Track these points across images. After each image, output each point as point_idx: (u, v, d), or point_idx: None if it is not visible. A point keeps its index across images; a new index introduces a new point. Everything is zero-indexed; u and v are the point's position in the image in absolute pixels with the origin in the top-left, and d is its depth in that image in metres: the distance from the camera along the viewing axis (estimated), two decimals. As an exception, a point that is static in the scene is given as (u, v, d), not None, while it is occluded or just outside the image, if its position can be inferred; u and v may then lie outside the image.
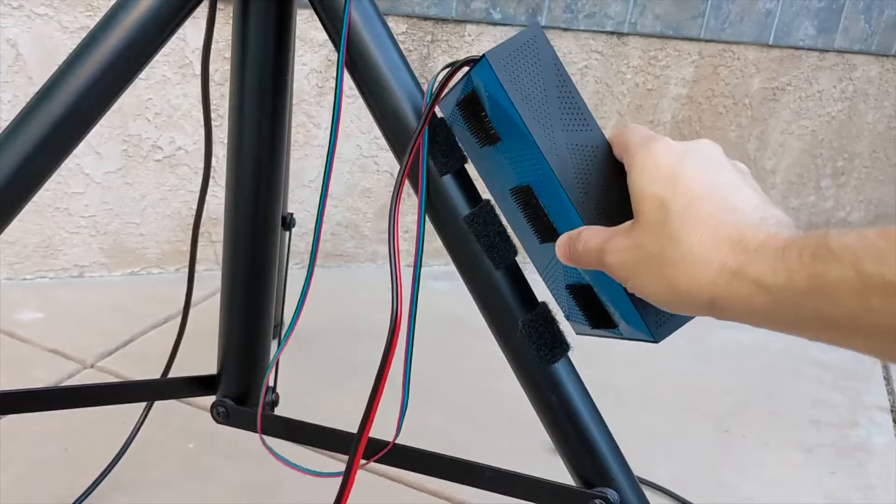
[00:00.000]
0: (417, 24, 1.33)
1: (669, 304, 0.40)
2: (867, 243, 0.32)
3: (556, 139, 0.47)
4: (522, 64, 0.47)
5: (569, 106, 0.47)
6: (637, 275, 0.41)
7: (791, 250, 0.35)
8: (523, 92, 0.47)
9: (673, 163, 0.40)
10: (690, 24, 1.49)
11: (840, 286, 0.32)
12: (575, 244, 0.45)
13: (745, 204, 0.39)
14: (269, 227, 0.65)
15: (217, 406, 0.67)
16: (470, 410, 1.09)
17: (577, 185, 0.47)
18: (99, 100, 0.54)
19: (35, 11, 1.13)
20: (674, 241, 0.38)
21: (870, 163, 1.78)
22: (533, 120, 0.47)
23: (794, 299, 0.34)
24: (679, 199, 0.39)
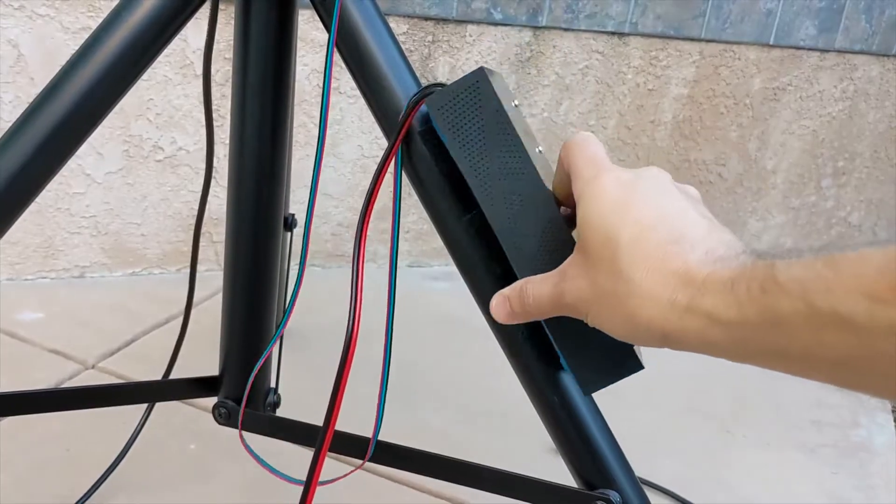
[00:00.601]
0: (418, 25, 1.33)
1: (627, 337, 0.40)
2: (815, 275, 0.31)
3: (493, 188, 0.46)
4: (463, 110, 0.46)
5: (509, 153, 0.46)
6: (595, 310, 0.40)
7: (739, 284, 0.34)
8: (461, 139, 0.46)
9: (620, 195, 0.40)
10: (691, 24, 1.49)
11: (792, 320, 0.32)
12: (523, 299, 0.44)
13: (693, 232, 0.38)
14: (270, 228, 0.65)
15: (219, 407, 0.67)
16: (471, 411, 1.09)
17: (511, 233, 0.46)
18: (102, 101, 0.53)
19: (36, 12, 1.13)
20: (623, 276, 0.38)
21: (871, 163, 1.78)
22: (469, 168, 0.46)
23: (747, 333, 0.34)
24: (627, 231, 0.38)
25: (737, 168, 1.67)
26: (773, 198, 1.73)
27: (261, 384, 0.68)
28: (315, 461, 0.51)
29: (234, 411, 0.67)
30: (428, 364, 1.19)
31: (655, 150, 1.59)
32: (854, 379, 0.32)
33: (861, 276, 0.30)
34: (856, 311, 0.30)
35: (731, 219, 1.71)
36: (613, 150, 1.55)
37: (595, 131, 1.53)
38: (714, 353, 0.36)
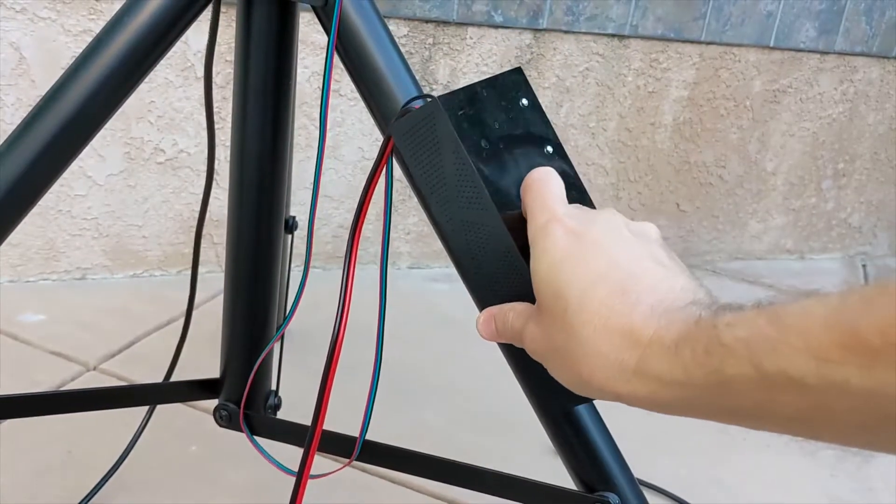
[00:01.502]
0: (419, 27, 1.33)
1: (582, 392, 0.40)
2: (759, 334, 0.31)
3: (452, 215, 0.46)
4: (422, 140, 0.46)
5: (465, 184, 0.46)
6: (550, 363, 0.40)
7: (683, 347, 0.34)
8: (422, 167, 0.47)
9: (568, 247, 0.39)
10: (692, 27, 1.50)
11: (741, 383, 0.31)
12: (504, 323, 0.44)
13: (641, 283, 0.37)
14: (271, 230, 0.65)
15: (220, 409, 0.67)
16: (470, 412, 1.09)
17: (468, 258, 0.47)
18: (105, 104, 0.54)
19: (38, 15, 1.13)
20: (573, 334, 0.37)
21: (871, 164, 1.78)
22: (430, 193, 0.47)
23: (698, 395, 0.34)
24: (575, 285, 0.38)
25: (737, 170, 1.67)
26: (774, 199, 1.74)
27: (261, 387, 0.69)
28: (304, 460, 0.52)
29: (236, 414, 0.67)
30: (428, 365, 1.20)
31: (655, 152, 1.59)
32: (809, 432, 0.32)
33: (806, 333, 0.29)
34: (805, 373, 0.29)
35: (731, 220, 1.72)
36: (614, 151, 1.56)
37: (595, 133, 1.53)
38: (668, 412, 0.36)
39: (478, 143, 0.47)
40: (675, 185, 1.64)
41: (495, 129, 0.49)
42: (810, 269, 1.77)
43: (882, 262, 1.87)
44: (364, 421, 0.55)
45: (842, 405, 0.29)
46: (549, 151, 0.52)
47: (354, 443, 0.59)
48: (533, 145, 0.51)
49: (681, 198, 1.65)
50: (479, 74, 1.41)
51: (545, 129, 0.53)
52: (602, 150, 1.55)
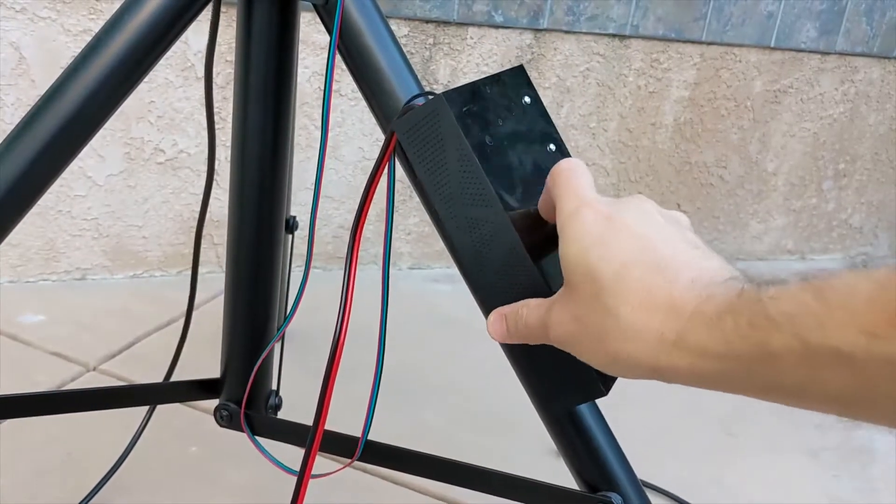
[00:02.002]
0: (419, 27, 1.33)
1: (615, 372, 0.39)
2: (805, 309, 0.31)
3: (456, 212, 0.46)
4: (425, 136, 0.46)
5: (469, 180, 0.46)
6: (582, 348, 0.40)
7: (726, 318, 0.33)
8: (426, 164, 0.46)
9: (600, 230, 0.39)
10: (692, 27, 1.49)
11: (786, 357, 0.31)
12: (516, 321, 0.44)
13: (677, 261, 0.37)
14: (272, 230, 0.65)
15: (220, 409, 0.67)
16: (472, 412, 1.09)
17: (472, 256, 0.46)
18: (104, 104, 0.54)
19: (38, 14, 1.13)
20: (608, 312, 0.37)
21: (871, 165, 1.78)
22: (434, 191, 0.47)
23: (739, 368, 0.33)
24: (608, 266, 0.37)
25: (738, 170, 1.67)
26: (774, 200, 1.73)
27: (262, 387, 0.68)
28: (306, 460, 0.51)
29: (236, 414, 0.67)
30: (428, 365, 1.19)
31: (656, 153, 1.59)
32: (852, 411, 0.31)
33: (853, 309, 0.29)
34: (853, 348, 0.29)
35: (732, 221, 1.71)
36: (614, 152, 1.56)
37: (596, 134, 1.53)
38: (706, 386, 0.36)
39: (482, 140, 0.47)
40: (675, 185, 1.63)
41: (499, 126, 0.49)
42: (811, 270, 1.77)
43: (883, 262, 1.87)
44: (366, 421, 0.54)
45: (889, 382, 0.29)
46: (552, 149, 0.52)
47: (356, 443, 0.59)
48: (536, 143, 0.51)
49: (681, 198, 1.65)
50: (480, 74, 1.41)
51: (548, 126, 0.53)
52: (603, 150, 1.55)
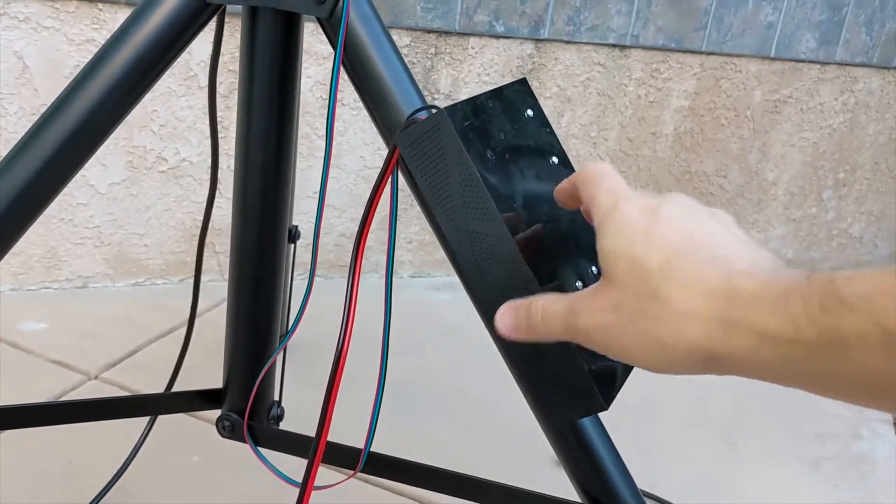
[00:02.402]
0: (421, 37, 1.34)
1: (658, 363, 0.37)
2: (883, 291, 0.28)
3: (457, 225, 0.47)
4: (428, 150, 0.47)
5: (471, 194, 0.46)
6: (618, 337, 0.37)
7: (793, 299, 0.31)
8: (428, 176, 0.47)
9: (646, 221, 0.37)
10: (692, 37, 1.50)
11: (861, 344, 0.29)
12: (529, 313, 0.41)
13: (730, 250, 0.35)
14: (275, 240, 0.65)
15: (222, 420, 0.67)
16: (473, 422, 1.09)
17: (474, 268, 0.47)
18: (109, 115, 0.54)
19: (41, 24, 1.13)
20: (657, 296, 0.35)
21: (871, 174, 1.79)
22: (436, 203, 0.47)
23: (805, 354, 0.30)
24: (657, 255, 0.35)
25: (738, 180, 1.67)
26: (774, 209, 1.74)
27: (264, 397, 0.69)
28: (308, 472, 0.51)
29: (238, 424, 0.67)
30: (430, 375, 1.19)
31: (657, 162, 1.59)
32: None
33: None
34: None
35: (732, 230, 1.72)
36: (615, 161, 1.56)
37: (596, 143, 1.53)
38: (764, 375, 0.33)
39: (483, 154, 0.47)
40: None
41: (500, 140, 0.49)
42: (811, 279, 1.77)
43: (883, 271, 1.87)
44: (369, 432, 0.54)
45: None
46: (554, 162, 0.52)
47: (358, 454, 0.59)
48: (538, 156, 0.51)
49: (682, 207, 1.65)
50: (481, 84, 1.41)
51: (550, 139, 0.53)
52: (603, 159, 1.55)
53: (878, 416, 1.26)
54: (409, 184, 0.52)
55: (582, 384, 0.46)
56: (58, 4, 1.13)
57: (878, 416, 1.26)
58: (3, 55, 1.13)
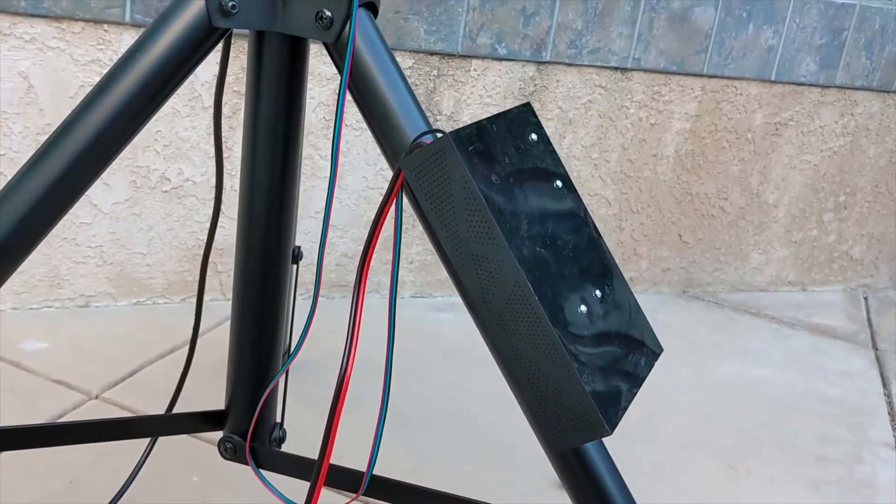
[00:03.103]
0: (424, 59, 1.35)
1: None
2: None
3: (462, 249, 0.47)
4: (433, 174, 0.47)
5: (476, 217, 0.47)
6: None
7: None
8: (433, 201, 0.47)
9: None
10: (693, 60, 1.51)
11: None
12: None
13: None
14: (279, 261, 0.65)
15: (224, 442, 0.67)
16: (475, 444, 1.09)
17: (478, 291, 0.47)
18: (116, 138, 0.54)
19: (47, 45, 1.14)
20: None
21: (872, 197, 1.79)
22: (440, 227, 0.47)
23: None
24: None
25: (739, 202, 1.68)
26: (775, 231, 1.74)
27: (266, 419, 0.69)
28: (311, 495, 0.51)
29: (240, 446, 0.67)
30: (431, 396, 1.19)
31: (658, 184, 1.60)
32: None
33: None
34: None
35: (733, 252, 1.72)
36: (616, 183, 1.56)
37: (598, 164, 1.54)
38: None
39: (488, 178, 0.47)
40: (677, 216, 1.64)
41: (505, 164, 0.49)
42: (812, 301, 1.77)
43: (884, 294, 1.87)
44: (371, 455, 0.54)
45: None
46: (558, 186, 0.53)
47: (361, 477, 0.59)
48: (543, 180, 0.52)
49: (683, 229, 1.66)
50: (483, 106, 1.42)
51: (554, 163, 0.53)
52: (605, 181, 1.56)
53: (881, 440, 1.26)
54: (414, 207, 0.53)
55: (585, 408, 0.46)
56: (63, 25, 1.14)
57: (881, 440, 1.26)
58: (8, 75, 1.14)
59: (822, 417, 1.30)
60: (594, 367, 0.47)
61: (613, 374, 0.49)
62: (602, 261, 0.53)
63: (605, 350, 0.49)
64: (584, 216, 0.53)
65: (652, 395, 1.27)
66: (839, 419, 1.30)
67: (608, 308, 0.51)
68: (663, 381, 1.32)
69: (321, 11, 0.55)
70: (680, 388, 1.31)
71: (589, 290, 0.51)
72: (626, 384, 0.49)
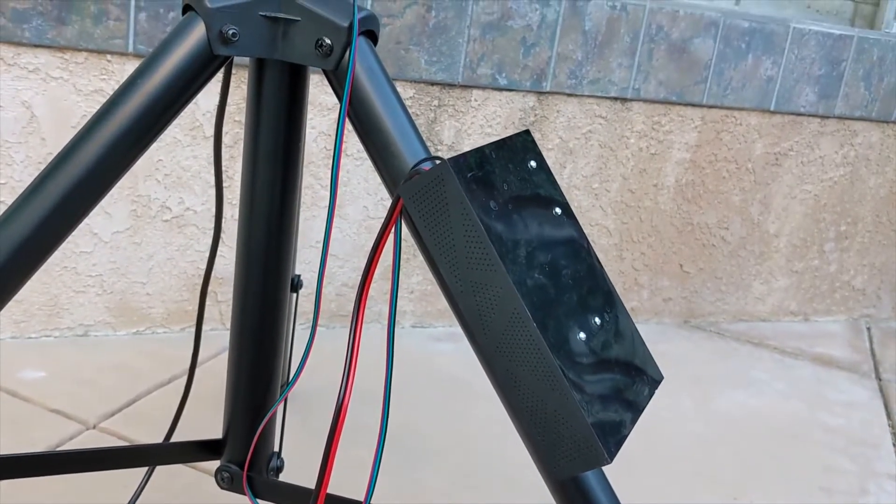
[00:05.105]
0: (424, 90, 1.35)
1: None
2: None
3: (461, 276, 0.47)
4: (431, 201, 0.47)
5: (475, 245, 0.46)
6: None
7: None
8: (431, 227, 0.47)
9: None
10: (693, 90, 1.52)
11: None
12: None
13: None
14: (278, 289, 0.65)
15: (221, 471, 0.66)
16: (474, 474, 1.08)
17: (476, 318, 0.47)
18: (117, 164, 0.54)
19: (50, 75, 1.15)
20: None
21: (873, 227, 1.79)
22: (439, 254, 0.47)
23: None
24: None
25: (740, 231, 1.68)
26: (777, 261, 1.74)
27: (264, 449, 0.68)
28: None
29: (238, 476, 0.66)
30: (431, 426, 1.18)
31: (659, 213, 1.60)
32: None
33: None
34: None
35: (734, 282, 1.71)
36: (617, 213, 1.57)
37: (598, 194, 1.54)
38: None
39: (487, 205, 0.47)
40: (678, 246, 1.64)
41: (504, 191, 0.49)
42: (815, 332, 1.76)
43: (886, 324, 1.87)
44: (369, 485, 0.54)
45: None
46: (557, 213, 0.53)
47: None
48: (542, 206, 0.52)
49: (684, 259, 1.65)
50: (484, 136, 1.42)
51: (553, 190, 0.53)
52: (605, 210, 1.56)
53: (886, 472, 1.24)
54: (413, 234, 0.53)
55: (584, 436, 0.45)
56: (67, 55, 1.15)
57: (886, 472, 1.24)
58: (11, 105, 1.15)
59: (825, 448, 1.29)
60: (594, 394, 0.47)
61: (613, 402, 0.48)
62: (602, 288, 0.53)
63: (605, 378, 0.49)
64: (584, 243, 0.53)
65: (654, 425, 1.26)
66: (843, 450, 1.29)
67: (608, 336, 0.51)
68: (665, 411, 1.31)
69: (321, 39, 0.55)
70: (682, 418, 1.30)
71: (588, 317, 0.50)
72: (626, 412, 0.49)
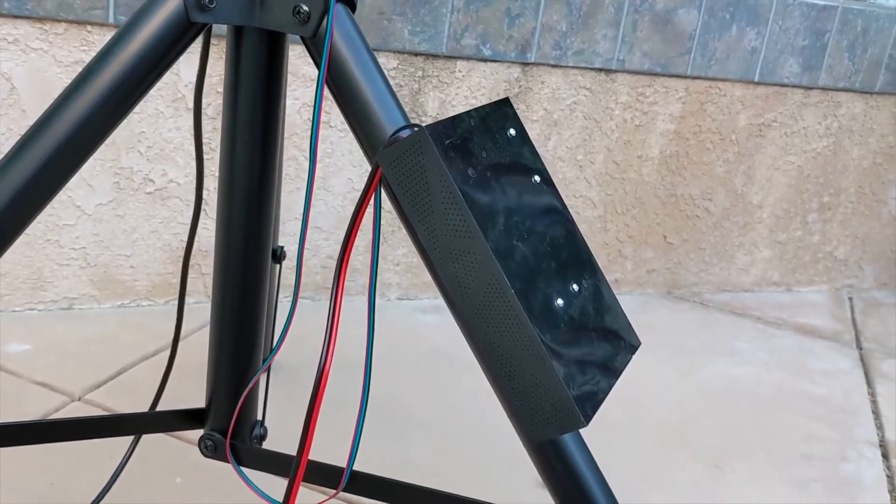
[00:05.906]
0: (408, 60, 1.35)
1: None
2: None
3: (440, 243, 0.47)
4: (409, 168, 0.47)
5: (453, 212, 0.47)
6: None
7: None
8: (410, 195, 0.47)
9: None
10: (677, 62, 1.52)
11: None
12: None
13: None
14: (259, 260, 0.65)
15: (205, 440, 0.67)
16: (458, 444, 1.09)
17: (456, 285, 0.47)
18: (95, 133, 0.54)
19: (30, 45, 1.14)
20: None
21: (855, 198, 1.80)
22: (418, 222, 0.47)
23: None
24: None
25: (723, 202, 1.69)
26: (760, 232, 1.75)
27: (247, 417, 0.68)
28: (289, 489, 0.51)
29: (221, 444, 0.67)
30: (416, 397, 1.19)
31: (643, 185, 1.61)
32: None
33: None
34: None
35: (718, 253, 1.73)
36: (601, 184, 1.57)
37: (583, 166, 1.54)
38: None
39: (465, 172, 0.47)
40: (661, 217, 1.65)
41: (482, 158, 0.49)
42: (797, 302, 1.78)
43: (868, 294, 1.88)
44: (351, 450, 0.54)
45: None
46: (536, 181, 0.53)
47: (341, 473, 0.59)
48: (521, 174, 0.52)
49: (668, 230, 1.66)
50: (469, 107, 1.42)
51: (533, 158, 0.54)
52: (590, 182, 1.56)
53: (866, 439, 1.26)
54: (392, 202, 0.53)
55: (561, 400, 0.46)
56: (47, 26, 1.14)
57: (866, 439, 1.26)
58: (-10, 76, 1.14)
59: (807, 416, 1.31)
60: (571, 359, 0.47)
61: (590, 367, 0.49)
62: (580, 255, 0.53)
63: (582, 343, 0.49)
64: (563, 211, 0.54)
65: (637, 395, 1.28)
66: (824, 418, 1.31)
67: (586, 302, 0.52)
68: (648, 380, 1.32)
69: (298, 6, 0.55)
70: (665, 387, 1.32)
71: (566, 284, 0.51)
72: (603, 377, 0.49)
